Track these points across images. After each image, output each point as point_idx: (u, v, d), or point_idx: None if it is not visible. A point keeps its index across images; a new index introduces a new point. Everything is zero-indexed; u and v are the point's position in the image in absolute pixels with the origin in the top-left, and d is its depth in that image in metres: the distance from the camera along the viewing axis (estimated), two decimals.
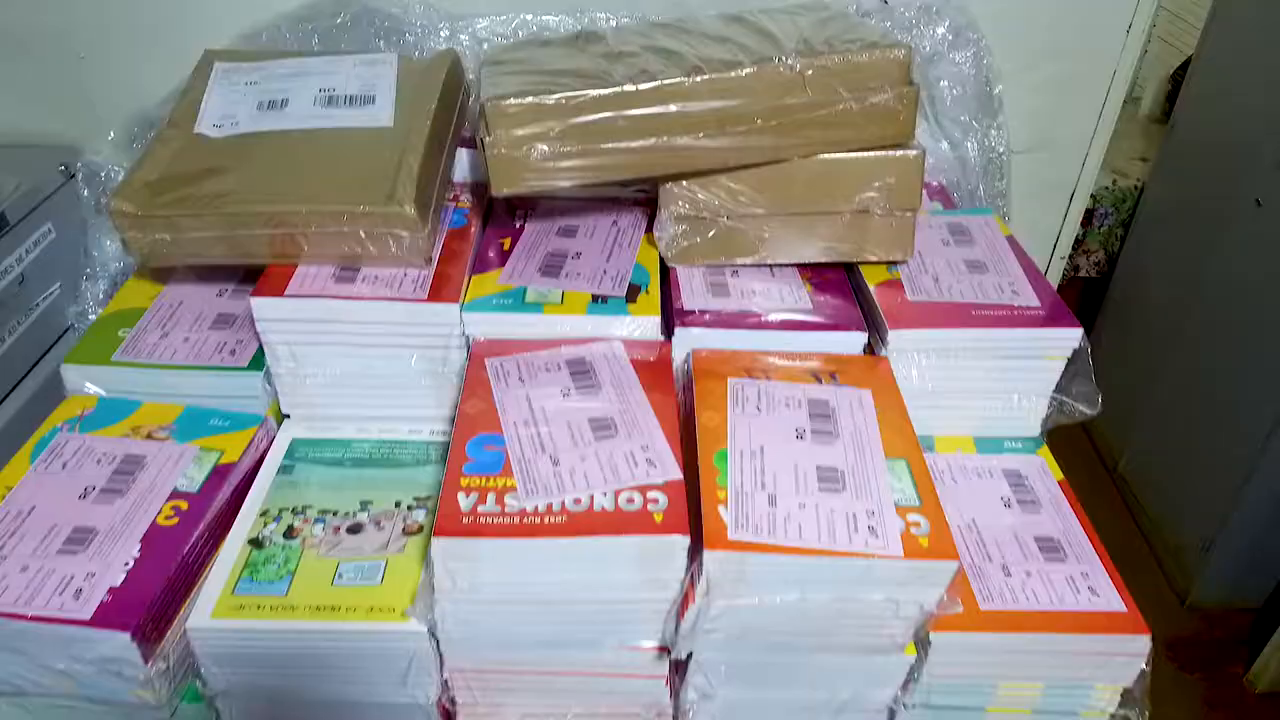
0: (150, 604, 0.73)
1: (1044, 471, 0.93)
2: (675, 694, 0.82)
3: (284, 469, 0.89)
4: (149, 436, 0.87)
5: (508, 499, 0.72)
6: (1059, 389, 0.93)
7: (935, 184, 1.23)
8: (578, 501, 0.73)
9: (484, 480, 0.74)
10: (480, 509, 0.72)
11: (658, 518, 0.71)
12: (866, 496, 0.75)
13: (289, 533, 0.82)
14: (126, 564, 0.76)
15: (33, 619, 0.71)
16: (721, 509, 0.73)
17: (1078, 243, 2.51)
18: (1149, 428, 2.30)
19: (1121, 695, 0.82)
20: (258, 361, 0.92)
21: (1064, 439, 0.97)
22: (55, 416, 0.89)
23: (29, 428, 0.87)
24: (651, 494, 0.73)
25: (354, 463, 0.90)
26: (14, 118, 1.32)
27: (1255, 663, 2.01)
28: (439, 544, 0.69)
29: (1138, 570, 2.20)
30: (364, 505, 0.85)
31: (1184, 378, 2.14)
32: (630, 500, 0.73)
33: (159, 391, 0.92)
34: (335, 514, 0.84)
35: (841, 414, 0.82)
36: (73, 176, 1.31)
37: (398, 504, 0.85)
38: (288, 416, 0.94)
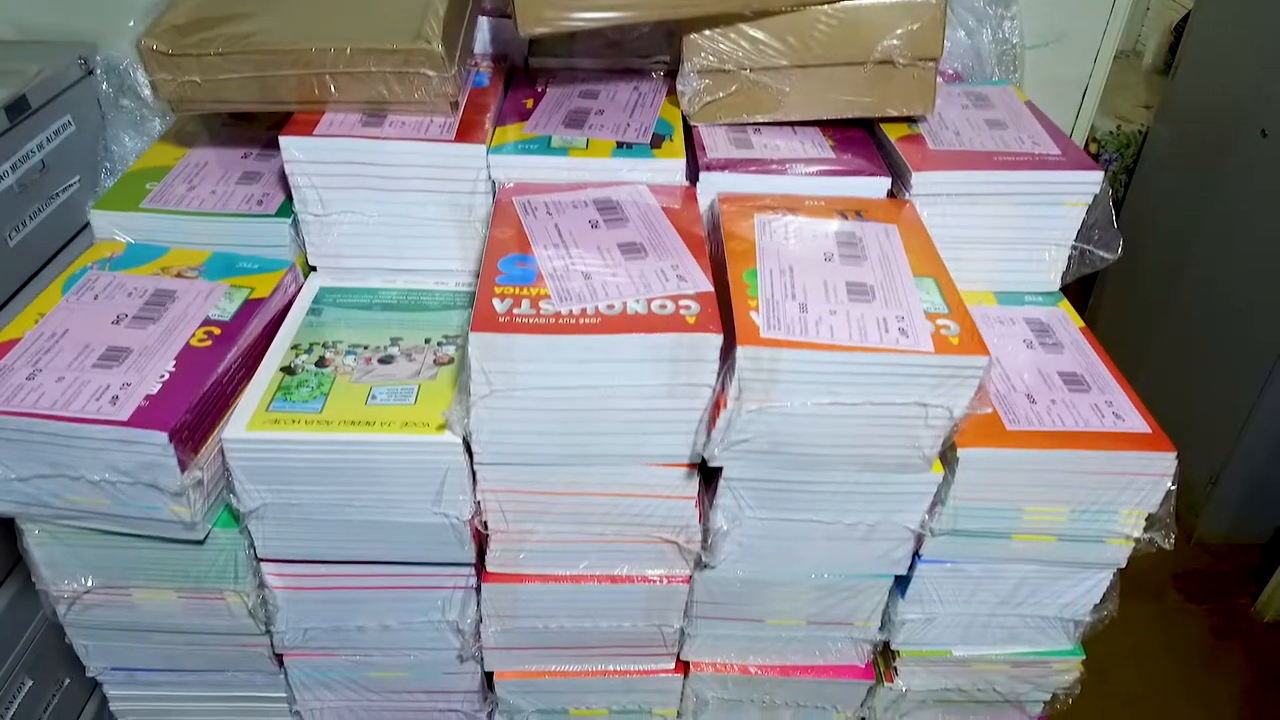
0: (187, 409, 0.73)
1: (1065, 320, 0.94)
2: (704, 520, 0.83)
3: (313, 311, 0.89)
4: (179, 275, 0.88)
5: (542, 304, 0.73)
6: (1079, 238, 0.94)
7: (950, 71, 1.24)
8: (610, 307, 0.73)
9: (517, 289, 0.75)
10: (515, 312, 0.72)
11: (690, 319, 0.72)
12: (896, 305, 0.75)
13: (320, 362, 0.83)
14: (162, 376, 0.76)
15: (71, 419, 0.71)
16: (753, 314, 0.73)
17: None
18: (1153, 366, 2.31)
19: (1147, 520, 0.82)
20: (285, 210, 0.92)
21: None
22: (85, 258, 0.89)
23: None
24: (684, 302, 0.74)
25: (382, 307, 0.90)
26: (33, 14, 1.32)
27: (1262, 593, 2.02)
28: (476, 339, 0.70)
29: None
30: (394, 341, 0.86)
31: (1187, 316, 2.15)
32: (663, 306, 0.73)
33: (186, 240, 0.92)
34: (366, 348, 0.85)
35: (868, 242, 0.83)
36: (91, 72, 1.31)
37: (427, 340, 0.86)
38: (314, 269, 0.94)
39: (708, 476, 0.82)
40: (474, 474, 0.79)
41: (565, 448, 0.77)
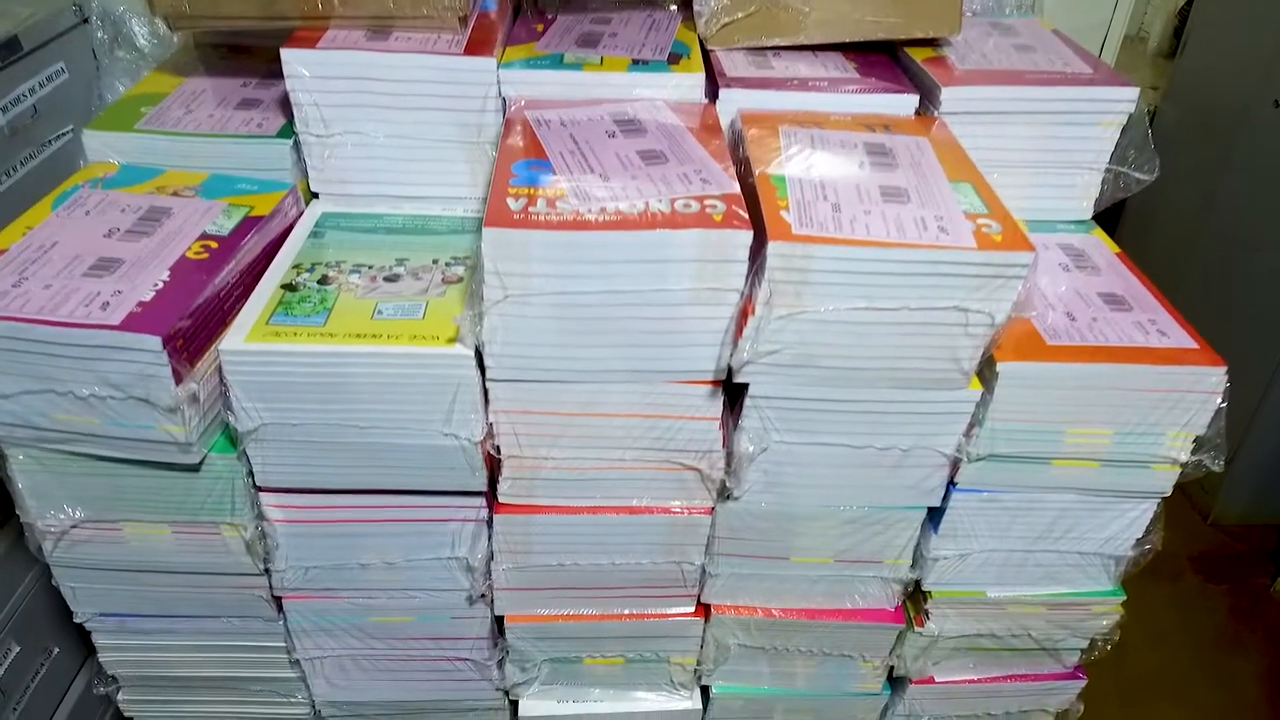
0: (181, 316, 0.69)
1: (1100, 245, 0.90)
2: (728, 445, 0.79)
3: (315, 234, 0.85)
4: (174, 194, 0.84)
5: (559, 203, 0.69)
6: (1113, 160, 0.90)
7: (969, 13, 1.20)
8: (632, 206, 0.69)
9: (532, 190, 0.71)
10: (531, 210, 0.68)
11: (717, 218, 0.68)
12: (934, 205, 0.71)
13: (324, 280, 0.79)
14: (155, 285, 0.72)
15: (59, 324, 0.67)
16: (784, 213, 0.69)
17: None
18: None
19: (1195, 442, 0.78)
20: (286, 132, 0.88)
21: None
22: (76, 178, 0.85)
23: None
24: (709, 201, 0.70)
25: (387, 230, 0.86)
26: None
27: None
28: (489, 236, 0.66)
29: None
30: (400, 261, 0.82)
31: (1201, 293, 2.11)
32: (687, 205, 0.69)
33: (183, 163, 0.88)
34: (371, 267, 0.81)
35: (899, 152, 0.79)
36: (86, 20, 1.28)
37: (435, 260, 0.82)
38: (316, 196, 0.90)
39: (732, 401, 0.78)
40: (486, 392, 0.75)
41: (583, 362, 0.73)
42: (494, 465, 0.79)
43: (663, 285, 0.69)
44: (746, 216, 0.68)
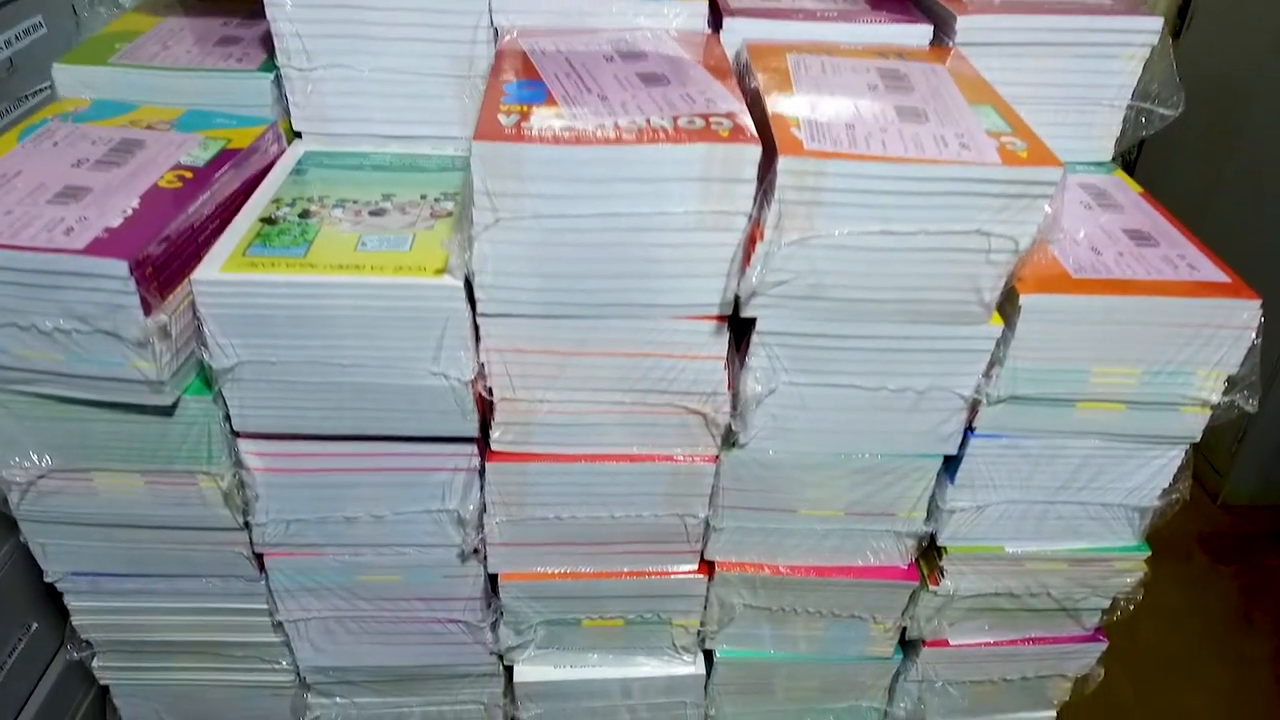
0: (150, 241, 0.65)
1: (1122, 185, 0.86)
2: (734, 387, 0.74)
3: (297, 171, 0.81)
4: (149, 128, 0.79)
5: (554, 120, 0.65)
6: (1135, 95, 0.86)
7: None
8: (632, 122, 0.65)
9: (525, 106, 0.66)
10: (524, 125, 0.64)
11: (723, 133, 0.64)
12: (953, 124, 0.67)
13: (305, 214, 0.74)
14: (124, 211, 0.67)
15: (19, 248, 0.63)
16: (794, 130, 0.65)
17: None
18: None
19: (1227, 382, 0.74)
20: (267, 67, 0.84)
21: None
22: (45, 112, 0.81)
23: None
24: (715, 118, 0.66)
25: (374, 167, 0.82)
26: None
27: None
28: (479, 150, 0.62)
29: None
30: (386, 197, 0.77)
31: None
32: (691, 122, 0.65)
33: (158, 98, 0.84)
34: (355, 202, 0.76)
35: (915, 77, 0.75)
36: None
37: (423, 196, 0.77)
38: (299, 136, 0.86)
39: (738, 341, 0.74)
40: (476, 329, 0.70)
41: (579, 294, 0.69)
42: (486, 409, 0.75)
43: (665, 208, 0.65)
44: (755, 133, 0.64)
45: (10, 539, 0.96)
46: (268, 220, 0.73)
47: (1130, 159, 2.52)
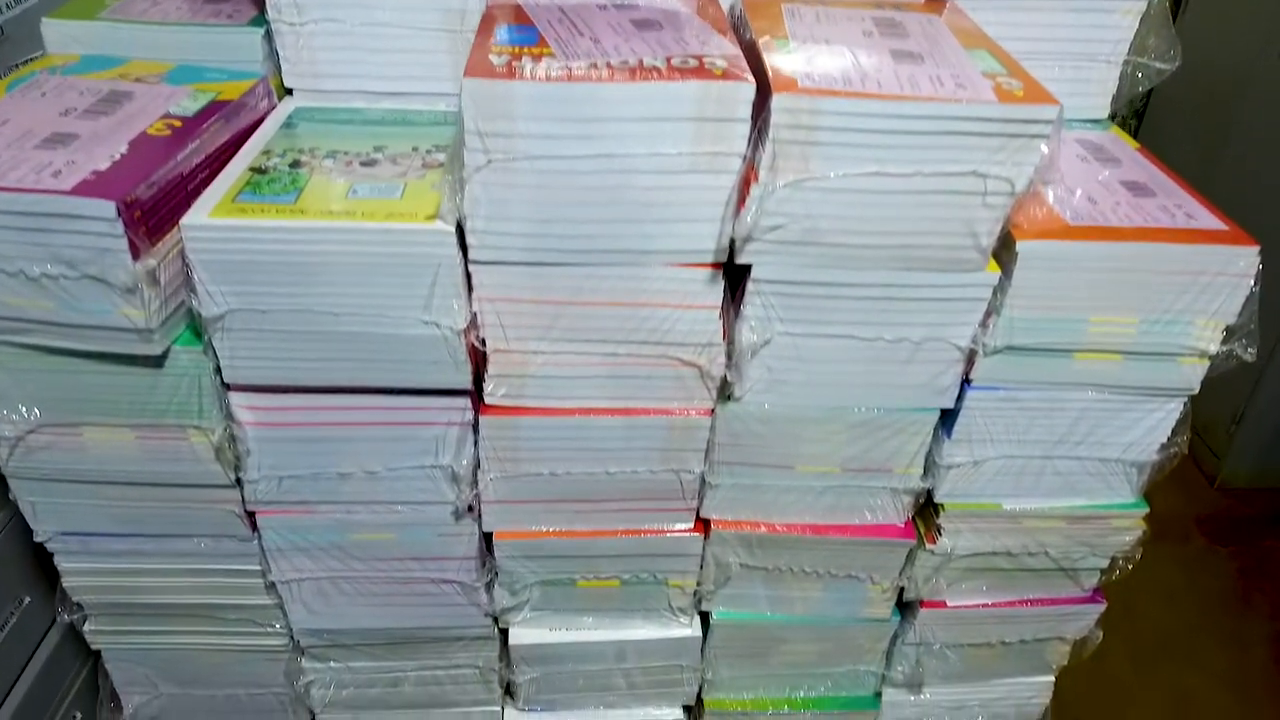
0: (138, 183, 0.64)
1: (1118, 141, 0.86)
2: (729, 338, 0.74)
3: (287, 124, 0.80)
4: (138, 81, 0.79)
5: (546, 60, 0.64)
6: (1132, 50, 0.85)
7: None
8: (624, 62, 0.64)
9: (517, 49, 0.66)
10: (515, 64, 0.63)
11: (717, 71, 0.63)
12: (949, 66, 0.67)
13: (295, 164, 0.73)
14: (113, 156, 0.67)
15: (6, 189, 0.62)
16: (789, 72, 0.64)
17: None
18: None
19: (1225, 331, 0.73)
20: (259, 21, 0.83)
21: None
22: (32, 66, 0.80)
23: None
24: (709, 59, 0.65)
25: (365, 121, 0.81)
26: None
27: None
28: (470, 88, 0.61)
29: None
30: (378, 149, 0.76)
31: None
32: (685, 62, 0.64)
33: (148, 54, 0.83)
34: (346, 153, 0.75)
35: (909, 25, 0.74)
36: None
37: (415, 148, 0.77)
38: (290, 93, 0.85)
39: (733, 291, 0.73)
40: (469, 279, 0.70)
41: (572, 240, 0.68)
42: (479, 362, 0.74)
43: (658, 149, 0.64)
44: (748, 70, 0.63)
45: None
46: (258, 170, 0.72)
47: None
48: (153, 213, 0.66)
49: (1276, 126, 1.82)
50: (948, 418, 0.79)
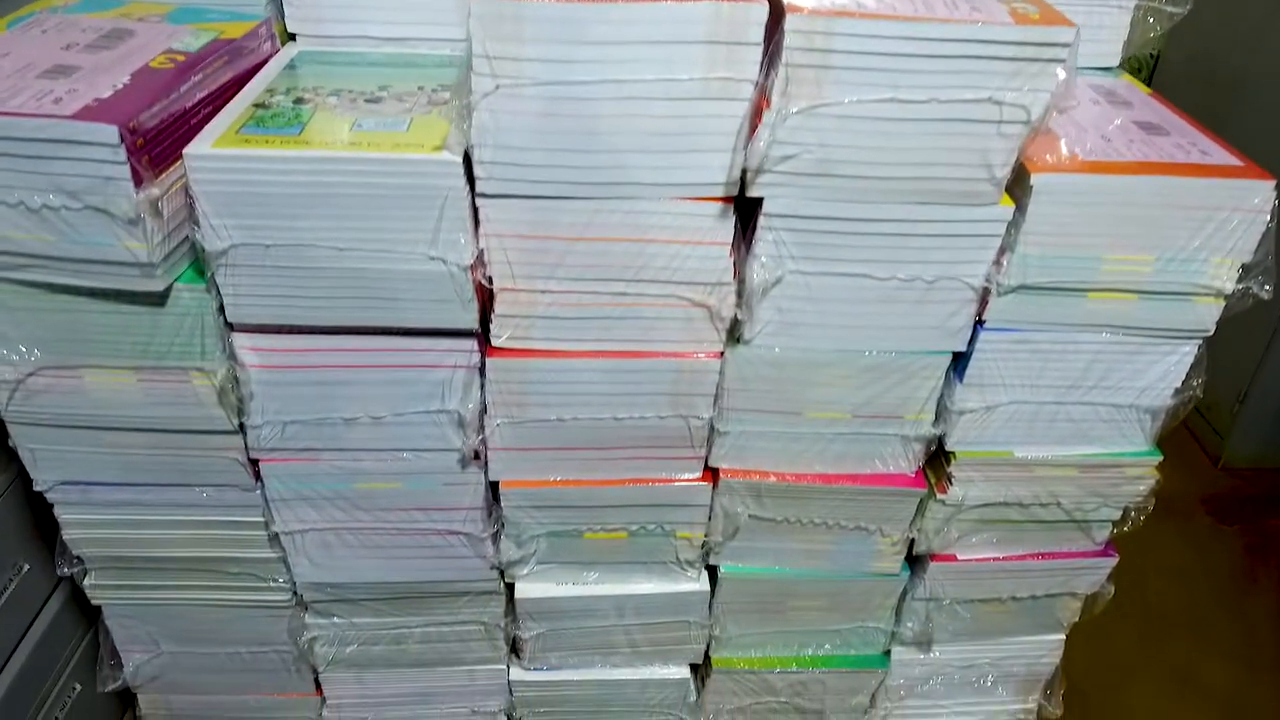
0: (141, 110, 0.63)
1: (1130, 87, 0.85)
2: (739, 278, 0.73)
3: (290, 66, 0.79)
4: (140, 20, 0.78)
5: None
6: None
7: None
8: None
9: None
10: None
11: None
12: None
13: (299, 101, 0.72)
14: (115, 86, 0.66)
15: (6, 114, 0.61)
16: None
17: None
18: None
19: (1241, 270, 0.72)
20: None
21: None
22: (33, 6, 0.79)
23: None
24: None
25: (369, 64, 0.80)
26: None
27: None
28: (478, 9, 0.61)
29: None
30: (383, 88, 0.75)
31: None
32: None
33: None
34: (351, 91, 0.74)
35: None
36: None
37: (420, 87, 0.76)
38: (293, 39, 0.84)
39: (745, 228, 0.72)
40: (476, 214, 0.69)
41: (580, 172, 0.67)
42: (486, 301, 0.73)
43: (669, 74, 0.63)
44: None
45: None
46: (261, 105, 0.71)
47: None
48: (155, 142, 0.65)
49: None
50: (960, 362, 0.79)
